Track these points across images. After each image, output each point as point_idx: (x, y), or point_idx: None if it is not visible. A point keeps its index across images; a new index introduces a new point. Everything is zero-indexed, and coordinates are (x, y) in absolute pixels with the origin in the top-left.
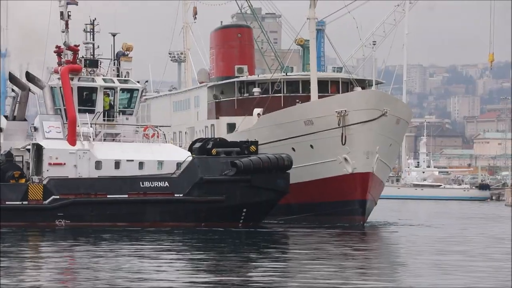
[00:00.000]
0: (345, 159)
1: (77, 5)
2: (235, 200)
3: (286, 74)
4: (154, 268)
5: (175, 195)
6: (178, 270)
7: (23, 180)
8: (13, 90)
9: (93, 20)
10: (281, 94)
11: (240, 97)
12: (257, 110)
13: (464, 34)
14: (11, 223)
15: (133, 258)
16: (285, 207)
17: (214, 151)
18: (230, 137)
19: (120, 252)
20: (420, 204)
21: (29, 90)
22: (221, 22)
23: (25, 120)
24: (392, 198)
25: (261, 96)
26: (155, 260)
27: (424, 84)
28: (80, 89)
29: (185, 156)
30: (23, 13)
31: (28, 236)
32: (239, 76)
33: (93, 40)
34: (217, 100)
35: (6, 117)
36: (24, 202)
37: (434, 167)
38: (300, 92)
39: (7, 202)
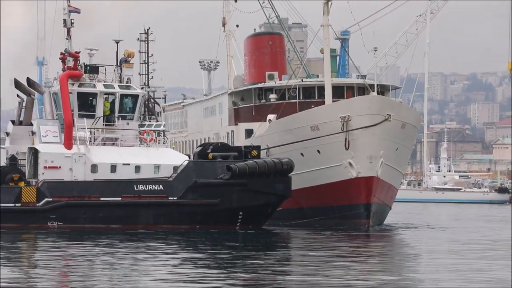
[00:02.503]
0: (350, 163)
1: (79, 13)
2: (231, 203)
3: (302, 80)
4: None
5: (169, 198)
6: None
7: (22, 183)
8: (18, 96)
9: (148, 30)
10: (297, 100)
11: (257, 104)
12: (270, 116)
13: (484, 43)
14: (4, 224)
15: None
16: (298, 211)
17: (210, 155)
18: (247, 143)
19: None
20: (441, 207)
21: (33, 95)
22: (254, 29)
23: (31, 124)
24: (414, 201)
25: (276, 102)
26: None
27: (445, 92)
28: (81, 95)
29: (182, 160)
30: None
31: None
32: (270, 82)
33: (148, 49)
34: (236, 107)
35: (13, 121)
36: (18, 204)
37: (455, 171)
38: (316, 98)
39: (0, 204)
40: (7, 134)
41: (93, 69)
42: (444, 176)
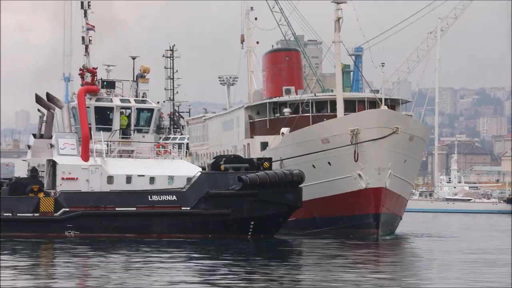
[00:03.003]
0: (359, 175)
1: (94, 31)
2: (242, 213)
3: (315, 94)
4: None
5: (183, 208)
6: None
7: (41, 194)
8: (39, 110)
9: (173, 46)
10: (310, 114)
11: (272, 117)
12: (283, 130)
13: (492, 59)
14: (23, 233)
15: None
16: (310, 221)
17: (222, 167)
18: (262, 155)
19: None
20: (452, 217)
21: (53, 110)
22: (272, 46)
23: (52, 137)
24: (426, 211)
25: (290, 116)
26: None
27: (455, 106)
28: (98, 109)
29: (195, 171)
30: None
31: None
32: (286, 97)
33: (173, 65)
34: (252, 121)
35: (34, 135)
36: (36, 214)
37: (465, 182)
38: (329, 112)
39: (18, 214)
40: (29, 147)
41: (110, 84)
42: (455, 187)
